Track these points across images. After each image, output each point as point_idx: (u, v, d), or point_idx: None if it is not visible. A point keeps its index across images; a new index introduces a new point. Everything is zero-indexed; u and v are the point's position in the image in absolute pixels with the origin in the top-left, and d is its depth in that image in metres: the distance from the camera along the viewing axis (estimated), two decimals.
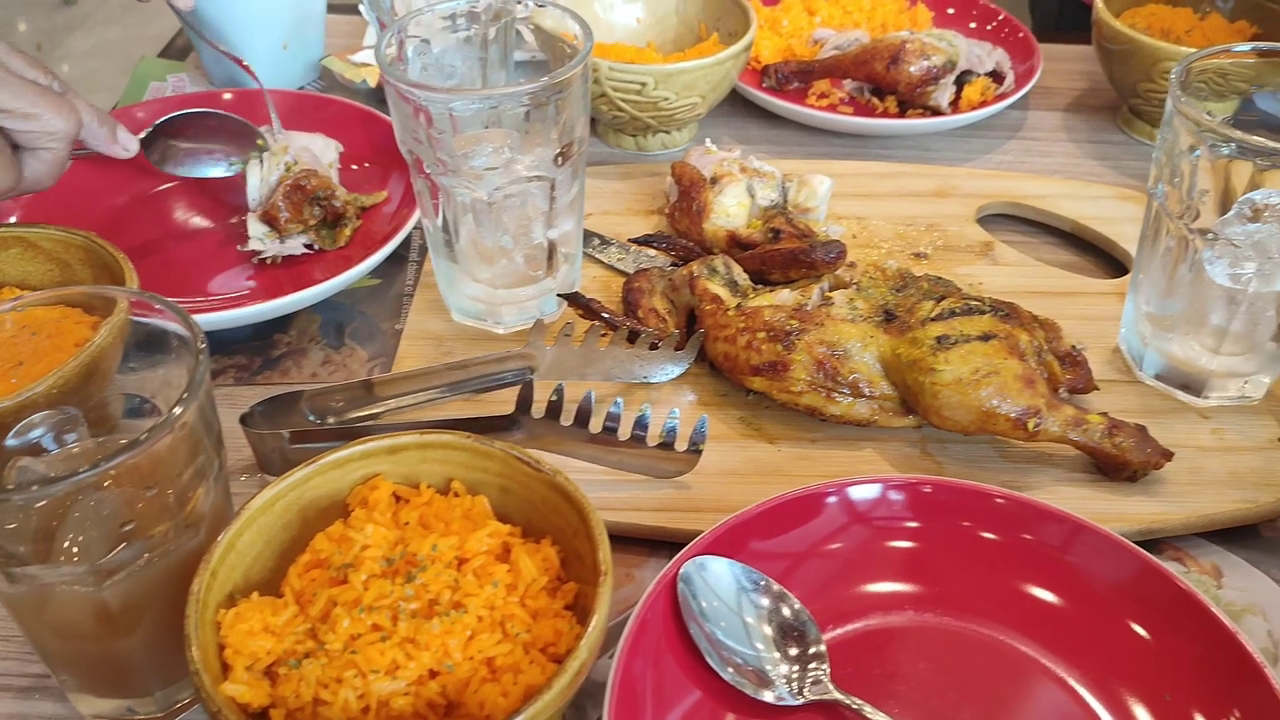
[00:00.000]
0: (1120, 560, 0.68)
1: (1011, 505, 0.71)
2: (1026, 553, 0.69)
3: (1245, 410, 0.84)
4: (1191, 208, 0.78)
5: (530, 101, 0.80)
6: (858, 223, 1.04)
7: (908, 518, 0.71)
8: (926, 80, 1.15)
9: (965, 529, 0.70)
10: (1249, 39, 1.19)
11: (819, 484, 0.70)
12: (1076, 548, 0.69)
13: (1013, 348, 0.80)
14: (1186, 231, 0.79)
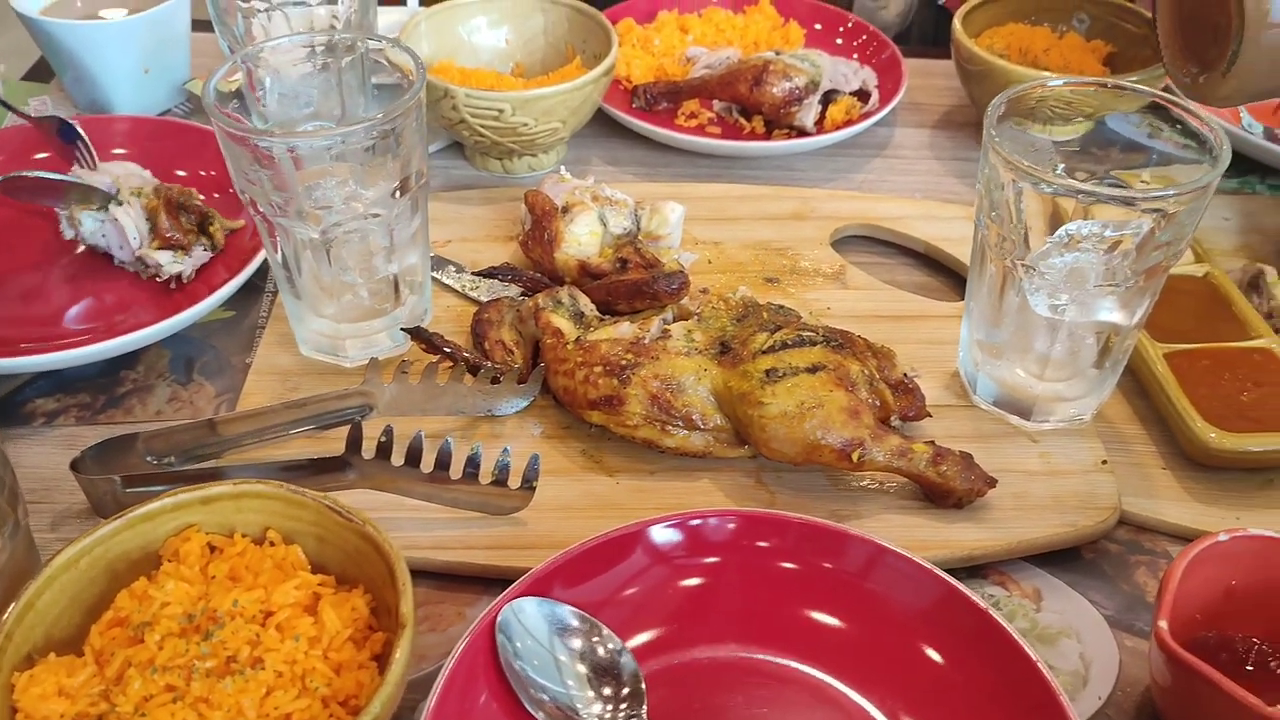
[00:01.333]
0: (922, 585, 0.69)
1: (811, 532, 0.72)
2: (825, 581, 0.71)
3: (1074, 433, 0.87)
4: (1010, 240, 0.79)
5: (374, 136, 0.80)
6: (714, 247, 1.05)
7: (712, 552, 0.72)
8: (790, 101, 1.16)
9: (766, 560, 0.72)
10: (1104, 58, 1.22)
11: (633, 523, 0.71)
12: (877, 573, 0.71)
13: (841, 379, 0.81)
14: (1006, 263, 0.80)
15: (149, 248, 1.00)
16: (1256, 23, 0.91)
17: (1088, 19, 1.23)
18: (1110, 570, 0.80)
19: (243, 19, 1.09)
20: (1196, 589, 0.70)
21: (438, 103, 1.07)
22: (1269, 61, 0.93)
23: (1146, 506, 0.83)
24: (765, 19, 1.33)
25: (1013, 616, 0.77)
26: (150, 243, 1.01)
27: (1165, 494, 0.84)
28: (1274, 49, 0.92)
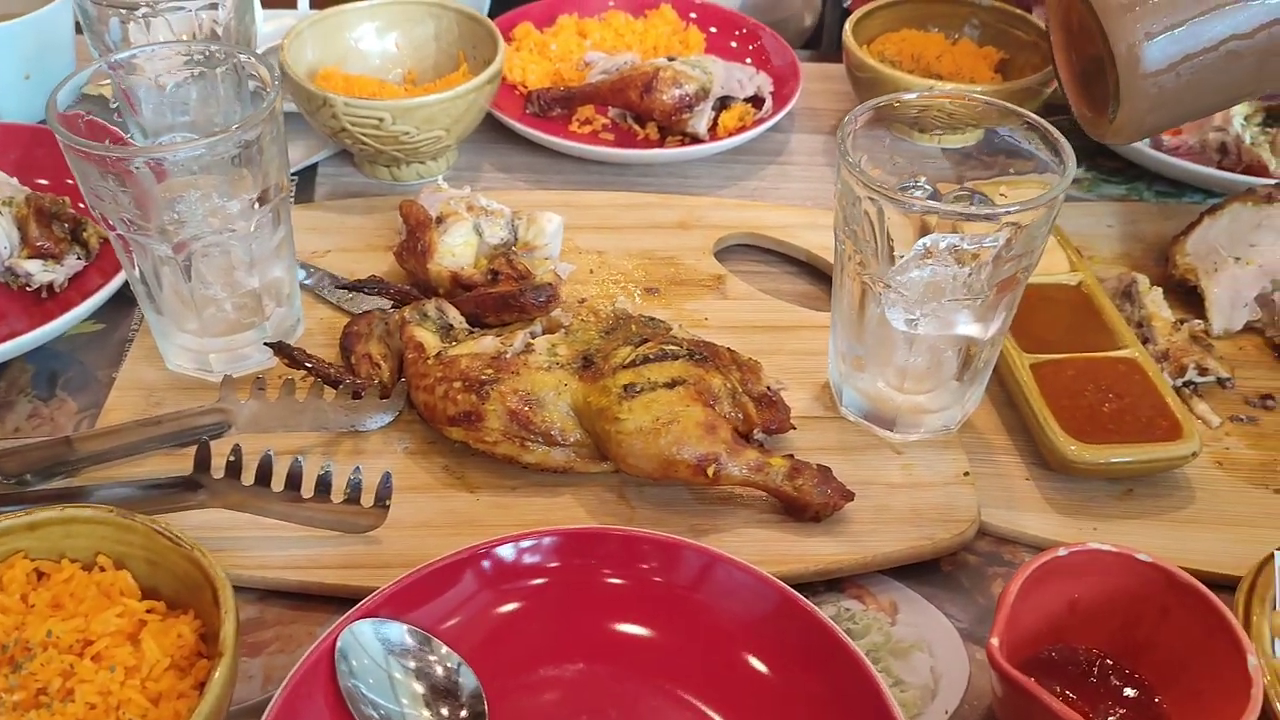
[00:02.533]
0: (759, 595, 0.70)
1: (641, 546, 0.72)
2: (654, 594, 0.71)
3: (938, 445, 0.87)
4: (865, 254, 0.79)
5: (237, 146, 0.79)
6: (598, 257, 1.04)
7: (540, 572, 0.72)
8: (680, 108, 1.16)
9: (593, 577, 0.71)
10: (996, 64, 1.23)
11: (466, 549, 0.71)
12: (710, 584, 0.71)
13: (701, 393, 0.81)
14: (864, 277, 0.80)
15: (19, 257, 0.99)
16: (1131, 72, 0.93)
17: (980, 26, 1.24)
18: (968, 582, 0.81)
19: (119, 24, 1.07)
20: (1040, 603, 0.71)
21: (317, 111, 1.06)
22: (1148, 106, 0.95)
23: (1007, 518, 0.83)
24: (665, 23, 1.33)
25: (867, 630, 0.77)
26: (20, 252, 0.99)
27: (1027, 505, 0.84)
28: (1150, 96, 0.94)
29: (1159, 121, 1.00)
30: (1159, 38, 0.92)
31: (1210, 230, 1.04)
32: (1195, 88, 0.95)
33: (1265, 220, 1.02)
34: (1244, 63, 0.94)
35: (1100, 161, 1.23)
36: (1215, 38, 0.92)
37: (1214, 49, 0.93)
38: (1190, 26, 0.92)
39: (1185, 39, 0.92)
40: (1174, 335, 0.94)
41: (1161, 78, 0.93)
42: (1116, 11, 0.93)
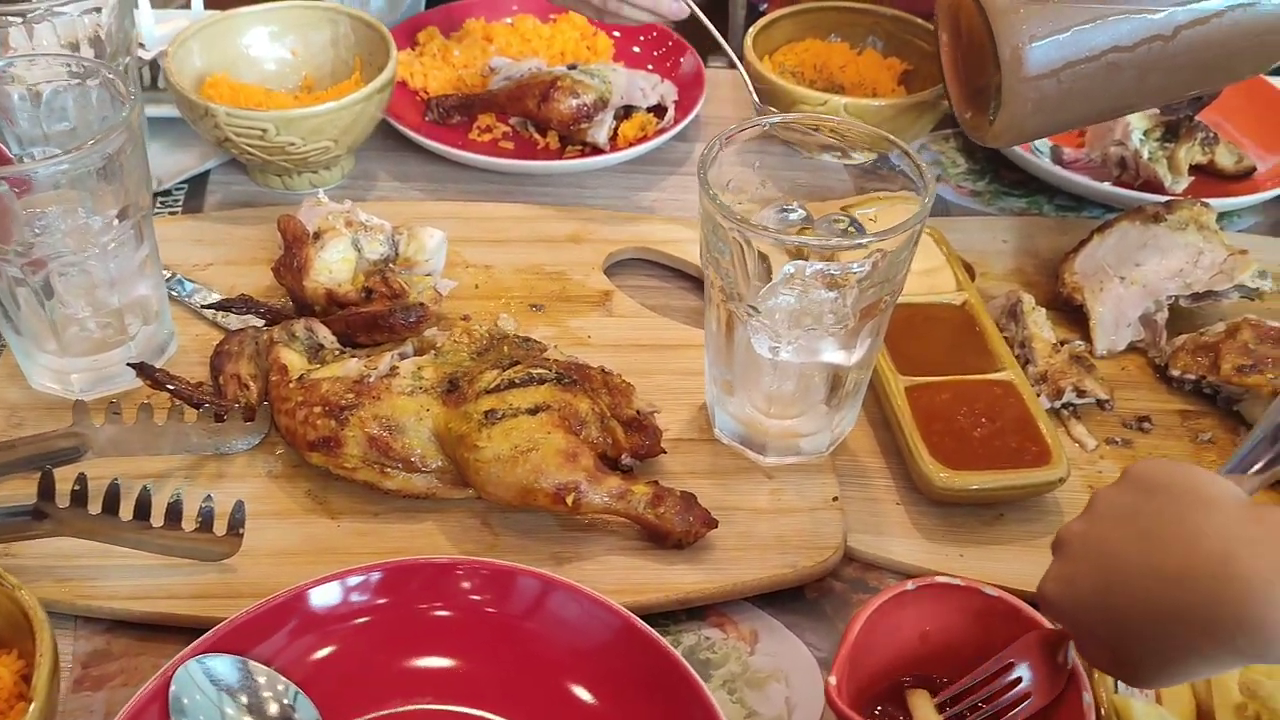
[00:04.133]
0: (599, 623, 0.69)
1: (474, 577, 0.72)
2: (488, 625, 0.71)
3: (810, 469, 0.86)
4: (729, 280, 0.79)
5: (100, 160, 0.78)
6: (485, 271, 1.03)
7: (369, 608, 0.71)
8: (579, 118, 1.15)
9: (427, 609, 0.71)
10: (899, 75, 1.22)
11: (308, 581, 0.70)
12: (544, 613, 0.70)
13: (565, 418, 0.80)
14: (728, 305, 0.80)
15: None
16: (1014, 75, 0.93)
17: (884, 36, 1.23)
18: (831, 610, 0.80)
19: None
20: (891, 635, 0.71)
21: (200, 121, 1.04)
22: (1029, 109, 0.96)
23: (874, 543, 0.83)
24: (573, 28, 1.31)
25: (725, 660, 0.77)
26: None
27: (895, 530, 0.84)
28: (1031, 100, 0.95)
29: (1039, 126, 1.01)
30: (1043, 41, 0.93)
31: (1099, 249, 1.04)
32: (1076, 96, 0.95)
33: (1151, 240, 1.02)
34: (1124, 75, 0.95)
35: (1003, 174, 1.23)
36: (1097, 47, 0.93)
37: (1095, 59, 0.93)
38: (1074, 34, 0.93)
39: (1068, 45, 0.93)
40: (1053, 357, 0.94)
41: (1043, 82, 0.94)
42: (1004, 13, 0.93)
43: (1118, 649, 0.59)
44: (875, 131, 0.82)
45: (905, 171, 0.80)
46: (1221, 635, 0.53)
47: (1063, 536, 0.63)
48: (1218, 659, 0.55)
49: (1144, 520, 0.59)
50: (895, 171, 0.82)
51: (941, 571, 0.81)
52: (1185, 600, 0.55)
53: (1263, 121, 1.24)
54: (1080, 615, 0.62)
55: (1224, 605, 0.53)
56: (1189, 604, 0.54)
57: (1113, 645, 0.60)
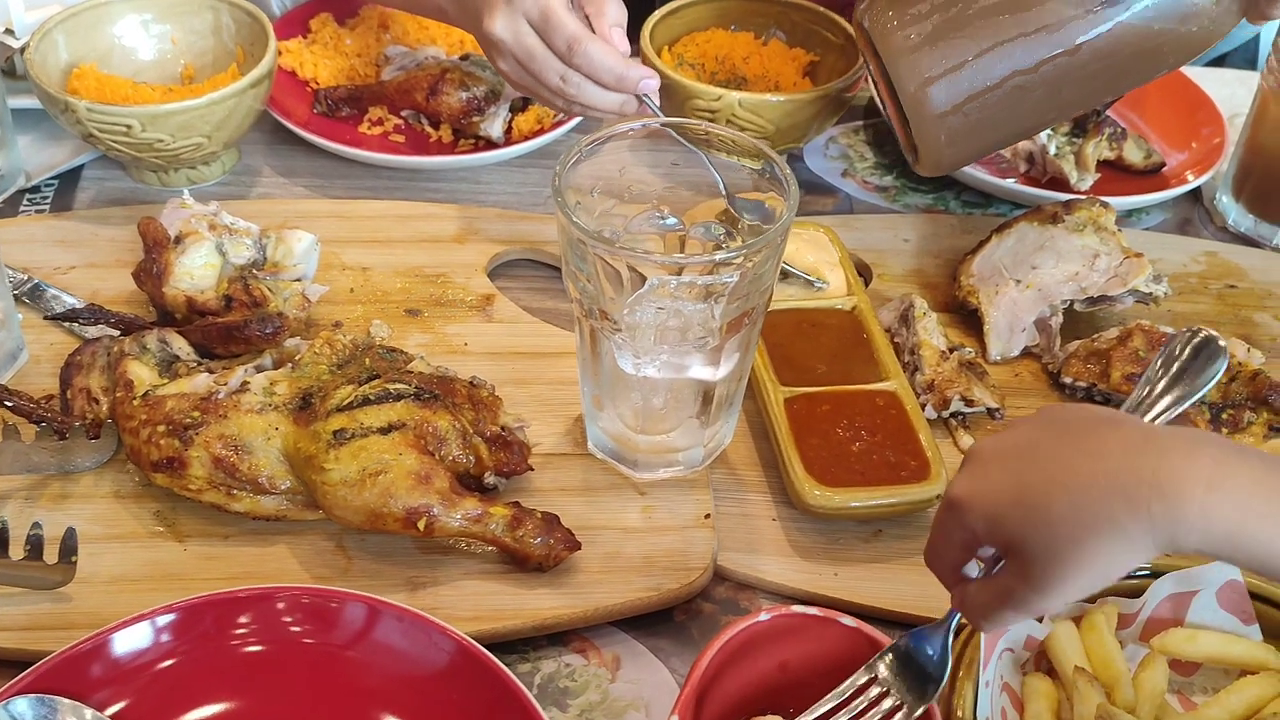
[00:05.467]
0: (433, 650, 0.67)
1: (295, 609, 0.69)
2: (303, 657, 0.68)
3: (685, 484, 0.84)
4: (591, 295, 0.75)
5: None
6: (361, 275, 0.99)
7: (179, 646, 0.68)
8: (469, 111, 1.11)
9: (236, 644, 0.68)
10: (805, 66, 1.19)
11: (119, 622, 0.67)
12: (369, 642, 0.68)
13: (421, 437, 0.77)
14: (590, 322, 0.76)
15: None
16: (918, 115, 0.91)
17: (789, 27, 1.19)
18: (698, 633, 0.78)
19: None
20: (748, 666, 0.68)
21: (61, 116, 0.99)
22: (943, 143, 0.93)
23: (746, 562, 0.81)
24: None
25: (585, 688, 0.74)
26: None
27: (770, 548, 0.82)
28: (941, 137, 0.93)
29: (958, 157, 0.98)
30: (940, 80, 0.90)
31: (997, 250, 1.01)
32: (987, 124, 0.93)
33: (1048, 241, 0.99)
34: (1034, 95, 0.91)
35: (910, 169, 1.20)
36: (997, 76, 0.90)
37: (998, 87, 0.90)
38: (970, 68, 0.89)
39: (965, 80, 0.90)
40: (941, 365, 0.91)
41: (949, 119, 0.91)
42: (898, 56, 0.91)
43: (1029, 538, 0.56)
44: (745, 139, 0.79)
45: (780, 179, 0.77)
46: (1139, 500, 0.53)
47: (975, 448, 0.63)
48: (1130, 534, 0.54)
49: (1059, 425, 0.60)
50: (768, 179, 0.79)
51: (814, 592, 0.80)
52: (1103, 468, 0.55)
53: (1174, 116, 1.22)
54: (991, 505, 0.59)
55: (1142, 471, 0.54)
56: (1107, 471, 0.55)
57: (1024, 535, 0.57)
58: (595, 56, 0.89)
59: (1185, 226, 1.16)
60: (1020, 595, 0.58)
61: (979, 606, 0.61)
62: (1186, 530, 0.53)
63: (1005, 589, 0.59)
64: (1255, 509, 0.53)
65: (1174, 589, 0.74)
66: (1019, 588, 0.58)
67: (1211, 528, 0.53)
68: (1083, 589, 0.57)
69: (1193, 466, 0.54)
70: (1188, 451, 0.55)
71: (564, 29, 0.88)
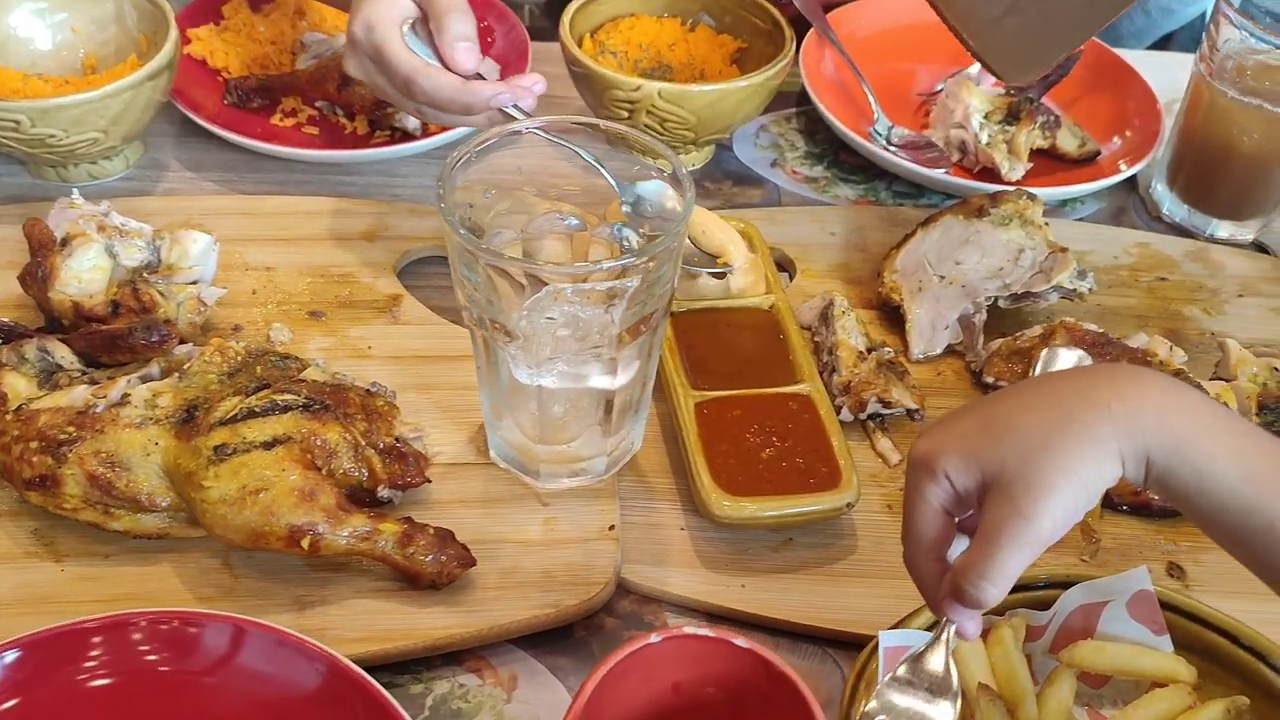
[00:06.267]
0: (303, 674, 0.64)
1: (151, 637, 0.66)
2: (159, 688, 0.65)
3: (589, 494, 0.81)
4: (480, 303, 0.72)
5: None
6: (264, 275, 0.95)
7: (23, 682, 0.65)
8: (382, 102, 1.07)
9: (83, 681, 0.65)
10: (732, 54, 1.15)
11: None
12: (233, 668, 0.65)
13: (307, 451, 0.74)
14: (481, 333, 0.73)
15: None
16: (977, 31, 0.91)
17: (718, 13, 1.16)
18: (599, 650, 0.75)
19: None
20: (639, 688, 0.66)
21: None
22: (1010, 48, 0.92)
23: (652, 575, 0.78)
24: None
25: (478, 710, 0.72)
26: None
27: (677, 559, 0.79)
28: (1003, 41, 0.91)
29: (1034, 58, 0.95)
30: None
31: (922, 245, 0.99)
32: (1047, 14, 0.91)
33: (973, 236, 0.97)
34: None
35: (842, 158, 1.17)
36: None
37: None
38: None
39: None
40: (858, 366, 0.89)
41: (1006, 22, 0.90)
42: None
43: (1005, 458, 0.57)
44: (640, 136, 0.76)
45: (679, 179, 0.74)
46: (1098, 402, 0.57)
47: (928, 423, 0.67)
48: (1098, 433, 0.56)
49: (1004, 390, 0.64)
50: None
51: (720, 604, 0.78)
52: (1060, 388, 0.59)
53: (1110, 102, 1.20)
54: (957, 441, 0.59)
55: (1098, 381, 0.58)
56: (1064, 389, 0.59)
57: (999, 457, 0.57)
58: (431, 90, 0.88)
59: (1120, 216, 1.14)
60: (1011, 527, 0.56)
61: (972, 569, 0.57)
62: (1143, 429, 0.56)
63: (993, 529, 0.57)
64: (1203, 422, 0.57)
65: (1084, 599, 0.72)
66: (1007, 518, 0.56)
67: (1165, 428, 0.56)
68: (1069, 503, 0.56)
69: (1145, 380, 0.59)
70: (1138, 373, 0.60)
71: (397, 70, 0.88)
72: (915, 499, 0.61)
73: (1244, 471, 0.56)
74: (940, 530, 0.61)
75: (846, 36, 1.21)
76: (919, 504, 0.60)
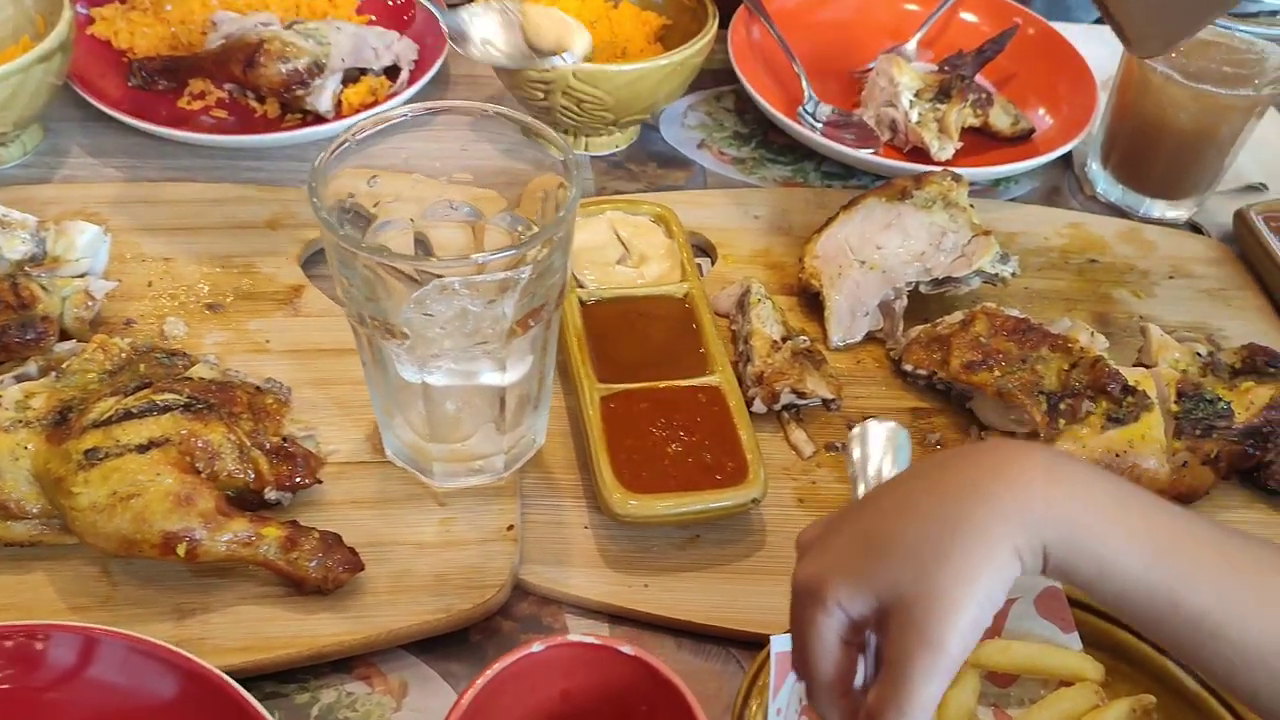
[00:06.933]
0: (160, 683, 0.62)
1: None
2: None
3: (489, 493, 0.78)
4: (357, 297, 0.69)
5: None
6: (162, 266, 0.92)
7: None
8: (290, 84, 1.03)
9: None
10: (657, 31, 1.12)
11: None
12: (80, 681, 0.62)
13: (186, 453, 0.71)
14: (361, 325, 0.70)
15: None
16: None
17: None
18: (494, 654, 0.71)
19: None
20: (526, 696, 0.64)
21: None
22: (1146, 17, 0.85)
23: (552, 575, 0.76)
24: None
25: (368, 718, 0.69)
26: None
27: (579, 559, 0.77)
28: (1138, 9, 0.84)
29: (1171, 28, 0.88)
30: None
31: (844, 229, 0.96)
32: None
33: (895, 219, 0.94)
34: None
35: (771, 137, 1.14)
36: None
37: None
38: None
39: None
40: (772, 355, 0.86)
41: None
42: None
43: (899, 579, 0.51)
44: (533, 123, 0.73)
45: (568, 166, 0.71)
46: (986, 494, 0.52)
47: (800, 536, 0.59)
48: (990, 533, 0.51)
49: (873, 493, 0.59)
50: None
51: (622, 605, 0.75)
52: (941, 483, 0.54)
53: (1045, 78, 1.17)
54: (842, 569, 0.53)
55: (981, 469, 0.53)
56: (945, 484, 0.53)
57: (892, 580, 0.52)
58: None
59: (1054, 196, 1.12)
60: (920, 658, 0.50)
61: (888, 708, 0.51)
62: (1037, 522, 0.51)
63: (902, 661, 0.50)
64: (1095, 504, 0.52)
65: None
66: (915, 649, 0.50)
67: (1058, 517, 0.51)
68: (976, 617, 0.51)
69: (1028, 463, 0.53)
70: (1018, 453, 0.54)
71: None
72: (809, 634, 0.54)
73: (1143, 552, 0.51)
74: (842, 664, 0.54)
75: (777, 11, 1.18)
76: (813, 640, 0.54)
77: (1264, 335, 0.96)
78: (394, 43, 1.11)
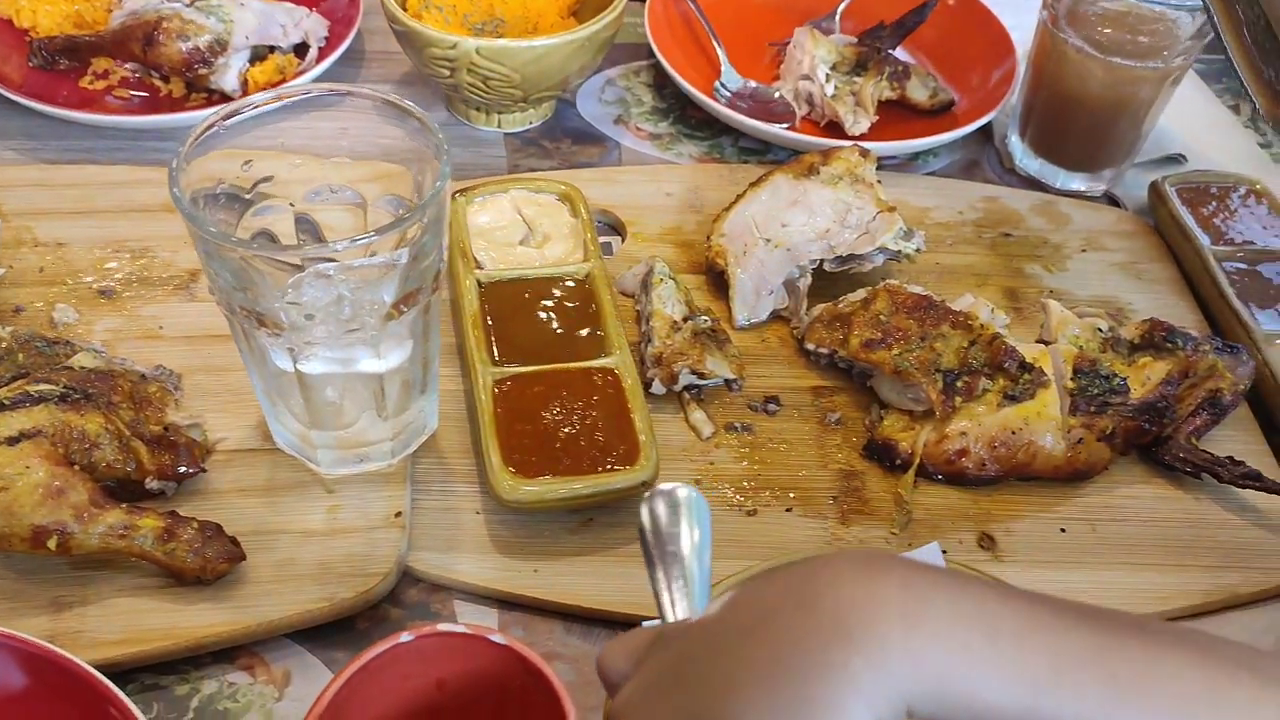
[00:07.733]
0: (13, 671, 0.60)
1: None
2: None
3: (378, 479, 0.77)
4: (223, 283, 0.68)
5: None
6: (54, 251, 0.90)
7: None
8: (191, 63, 1.01)
9: None
10: (570, 6, 1.10)
11: None
12: None
13: (60, 444, 0.69)
14: (231, 314, 0.69)
15: None
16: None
17: None
18: None
19: None
20: (398, 686, 0.63)
21: None
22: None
23: (440, 562, 0.75)
24: None
25: (247, 709, 0.69)
26: None
27: (469, 545, 0.76)
28: None
29: None
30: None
31: (750, 206, 0.95)
32: None
33: (802, 196, 0.93)
34: None
35: (689, 113, 1.13)
36: None
37: None
38: None
39: None
40: (672, 336, 0.85)
41: None
42: None
43: None
44: (404, 104, 0.72)
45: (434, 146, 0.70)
46: (834, 664, 0.43)
47: (614, 709, 0.51)
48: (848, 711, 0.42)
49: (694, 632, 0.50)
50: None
51: (510, 591, 0.75)
52: (779, 635, 0.45)
53: (966, 49, 1.16)
54: None
55: (822, 625, 0.44)
56: (784, 640, 0.44)
57: None
58: None
59: (973, 170, 1.11)
60: None
61: None
62: (896, 679, 0.42)
63: None
64: (959, 640, 0.43)
65: None
66: None
67: (919, 667, 0.43)
68: None
69: (880, 604, 0.43)
70: (865, 584, 0.44)
71: None
72: None
73: (1020, 692, 0.44)
74: None
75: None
76: None
77: (1173, 308, 0.96)
78: (303, 19, 1.09)
